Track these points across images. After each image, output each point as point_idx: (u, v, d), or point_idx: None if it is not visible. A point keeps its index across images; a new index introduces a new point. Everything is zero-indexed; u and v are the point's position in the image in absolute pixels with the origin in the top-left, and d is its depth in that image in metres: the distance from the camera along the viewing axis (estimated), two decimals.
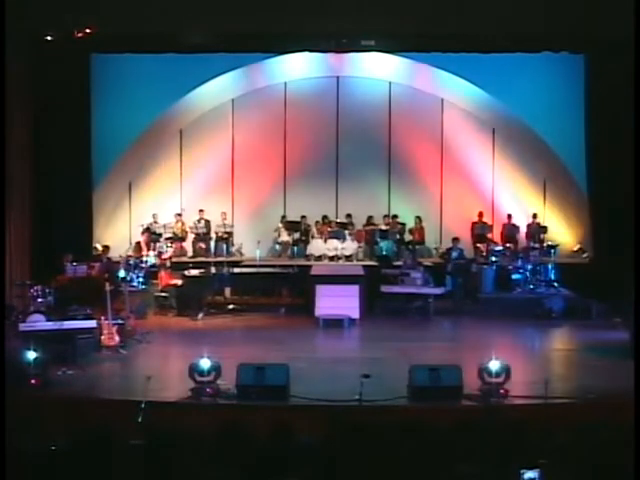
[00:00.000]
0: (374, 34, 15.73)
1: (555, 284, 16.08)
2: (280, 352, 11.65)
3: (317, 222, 17.72)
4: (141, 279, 15.81)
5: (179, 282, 15.36)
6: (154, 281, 15.85)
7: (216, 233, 17.60)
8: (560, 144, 17.07)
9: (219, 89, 17.46)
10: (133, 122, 16.75)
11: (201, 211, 17.52)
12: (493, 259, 16.69)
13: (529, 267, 16.19)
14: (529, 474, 5.50)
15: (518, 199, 17.99)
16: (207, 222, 17.56)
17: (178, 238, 17.29)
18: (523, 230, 17.57)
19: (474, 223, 17.60)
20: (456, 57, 16.31)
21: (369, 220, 17.76)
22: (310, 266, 16.29)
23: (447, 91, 17.81)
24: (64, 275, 14.70)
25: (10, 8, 12.37)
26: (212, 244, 17.68)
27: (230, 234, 17.64)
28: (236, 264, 16.94)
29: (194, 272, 15.90)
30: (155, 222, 17.37)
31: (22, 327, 11.38)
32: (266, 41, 15.80)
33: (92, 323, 11.67)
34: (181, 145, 18.10)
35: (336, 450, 6.03)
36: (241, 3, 14.12)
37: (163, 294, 15.36)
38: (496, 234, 17.65)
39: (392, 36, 15.65)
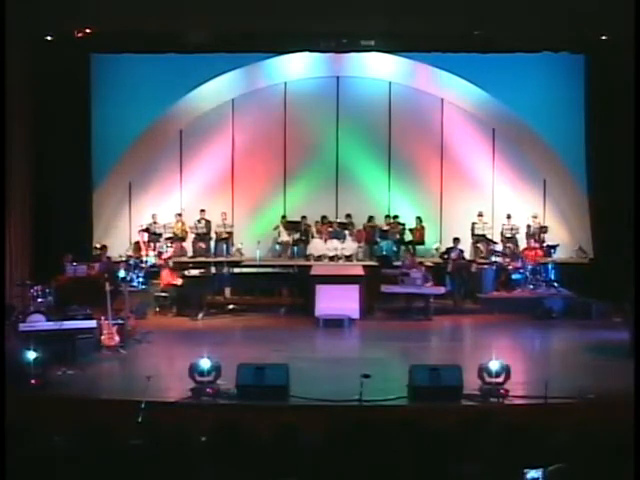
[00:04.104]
0: (374, 34, 15.73)
1: (555, 284, 16.09)
2: (280, 352, 11.65)
3: (317, 222, 17.70)
4: (141, 279, 15.84)
5: (179, 282, 15.36)
6: (154, 281, 15.85)
7: (216, 233, 17.61)
8: (560, 144, 17.07)
9: (219, 89, 17.46)
10: (133, 122, 16.76)
11: (202, 211, 17.51)
12: (493, 259, 16.73)
13: (529, 267, 16.21)
14: (532, 474, 5.47)
15: (518, 199, 17.98)
16: (207, 222, 17.56)
17: (178, 238, 17.30)
18: (523, 230, 17.57)
19: (474, 223, 17.61)
20: (456, 57, 16.34)
21: (369, 220, 17.76)
22: (310, 266, 16.30)
23: (447, 91, 17.80)
24: (64, 275, 14.72)
25: (10, 8, 12.38)
26: (212, 244, 17.70)
27: (230, 234, 17.66)
28: (236, 264, 16.95)
29: (194, 272, 15.91)
30: (155, 222, 17.38)
31: (22, 327, 11.36)
32: (266, 41, 15.81)
33: (92, 323, 11.67)
34: (181, 145, 18.10)
35: (336, 450, 6.02)
36: (241, 3, 14.12)
37: (163, 294, 15.36)
38: (496, 234, 17.66)
39: (392, 36, 15.66)
